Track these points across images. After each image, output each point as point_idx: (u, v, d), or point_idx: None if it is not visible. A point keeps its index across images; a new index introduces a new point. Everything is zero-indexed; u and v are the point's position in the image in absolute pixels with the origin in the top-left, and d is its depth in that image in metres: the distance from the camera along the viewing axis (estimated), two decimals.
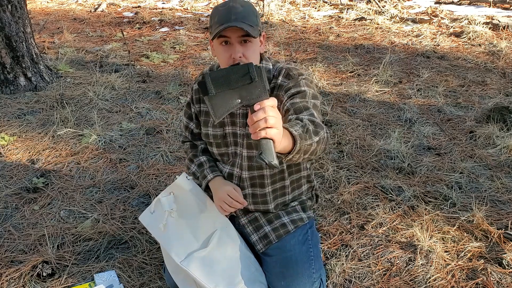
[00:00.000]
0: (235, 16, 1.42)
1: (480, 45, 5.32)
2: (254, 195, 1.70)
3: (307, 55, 5.10)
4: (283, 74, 1.59)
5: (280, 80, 1.59)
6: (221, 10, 1.46)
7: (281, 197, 1.74)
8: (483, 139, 3.09)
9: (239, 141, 1.66)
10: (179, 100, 3.81)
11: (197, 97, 1.74)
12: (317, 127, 1.35)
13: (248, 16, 1.44)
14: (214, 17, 1.48)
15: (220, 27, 1.42)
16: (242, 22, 1.42)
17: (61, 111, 3.46)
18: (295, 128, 1.25)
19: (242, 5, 1.45)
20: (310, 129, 1.31)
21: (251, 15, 1.45)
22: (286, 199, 1.75)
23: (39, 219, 2.30)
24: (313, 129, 1.33)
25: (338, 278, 1.90)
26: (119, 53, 5.11)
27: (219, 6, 1.48)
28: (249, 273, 1.61)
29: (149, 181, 2.63)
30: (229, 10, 1.43)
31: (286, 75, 1.59)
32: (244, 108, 1.60)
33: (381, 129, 3.29)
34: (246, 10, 1.45)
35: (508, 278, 1.89)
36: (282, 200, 1.74)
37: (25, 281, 1.88)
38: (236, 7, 1.44)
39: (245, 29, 1.40)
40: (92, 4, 8.19)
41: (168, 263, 1.69)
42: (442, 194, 2.47)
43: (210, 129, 1.71)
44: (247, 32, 1.41)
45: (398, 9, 7.31)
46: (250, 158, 1.66)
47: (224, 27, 1.41)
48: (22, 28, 3.96)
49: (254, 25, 1.45)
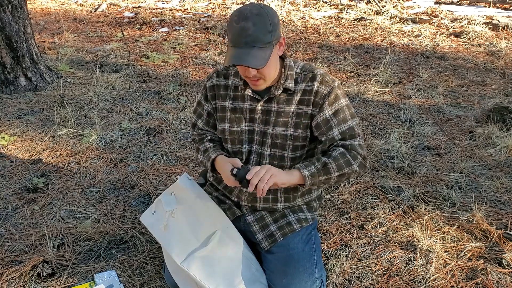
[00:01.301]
0: (246, 40, 1.41)
1: (480, 45, 5.33)
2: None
3: (307, 55, 5.10)
4: (318, 80, 1.59)
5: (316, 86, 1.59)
6: (234, 28, 1.44)
7: (292, 201, 1.75)
8: (483, 139, 3.09)
9: (255, 138, 1.66)
10: (179, 100, 3.82)
11: (212, 94, 1.72)
12: (347, 162, 1.55)
13: (260, 35, 1.42)
14: (229, 31, 1.47)
15: (230, 59, 1.44)
16: (253, 46, 1.42)
17: (61, 111, 3.46)
18: (308, 168, 1.52)
19: (254, 23, 1.41)
20: (330, 167, 1.53)
21: (264, 33, 1.42)
22: (296, 203, 1.76)
23: (39, 219, 2.30)
24: (340, 163, 1.54)
25: (338, 278, 1.90)
26: (119, 53, 5.12)
27: (234, 18, 1.44)
28: (249, 274, 1.62)
29: (149, 181, 2.63)
30: (240, 32, 1.42)
31: (321, 81, 1.59)
32: (264, 104, 1.62)
33: (381, 129, 3.30)
34: (259, 29, 1.42)
35: (507, 278, 1.90)
36: (292, 204, 1.75)
37: (25, 281, 1.88)
38: (248, 28, 1.41)
39: (253, 67, 1.42)
40: (92, 4, 8.19)
41: (168, 263, 1.69)
42: (442, 194, 2.47)
43: (226, 125, 1.70)
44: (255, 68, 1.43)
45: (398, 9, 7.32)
46: (263, 155, 1.66)
47: (232, 64, 1.43)
48: (23, 28, 3.96)
49: (266, 44, 1.44)
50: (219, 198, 1.81)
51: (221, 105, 1.71)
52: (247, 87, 1.63)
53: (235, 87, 1.67)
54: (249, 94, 1.63)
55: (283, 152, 1.65)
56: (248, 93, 1.63)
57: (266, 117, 1.63)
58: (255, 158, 1.68)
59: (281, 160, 1.66)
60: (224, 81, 1.70)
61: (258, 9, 1.44)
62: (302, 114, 1.61)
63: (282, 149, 1.64)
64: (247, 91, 1.63)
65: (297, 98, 1.61)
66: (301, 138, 1.63)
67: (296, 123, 1.61)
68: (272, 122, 1.63)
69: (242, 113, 1.66)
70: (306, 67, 1.64)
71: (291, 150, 1.64)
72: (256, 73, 1.50)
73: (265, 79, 1.53)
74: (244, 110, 1.66)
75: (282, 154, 1.65)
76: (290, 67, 1.61)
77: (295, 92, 1.61)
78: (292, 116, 1.61)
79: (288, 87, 1.59)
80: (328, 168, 1.54)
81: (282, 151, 1.65)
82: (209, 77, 1.74)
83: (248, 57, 1.41)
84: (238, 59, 1.42)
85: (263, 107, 1.63)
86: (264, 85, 1.57)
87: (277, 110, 1.62)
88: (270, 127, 1.63)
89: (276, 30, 1.46)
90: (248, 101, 1.65)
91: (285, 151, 1.64)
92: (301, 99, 1.60)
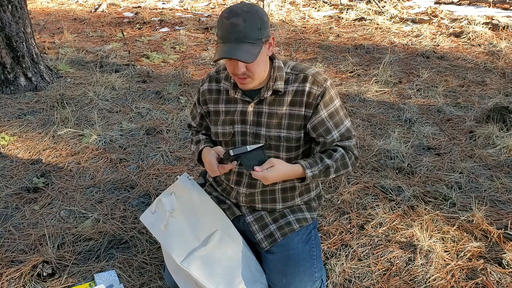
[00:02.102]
0: (236, 35, 1.42)
1: (480, 45, 5.33)
2: (263, 192, 1.71)
3: (307, 55, 5.10)
4: (310, 80, 1.59)
5: (308, 86, 1.59)
6: (224, 25, 1.45)
7: (291, 200, 1.75)
8: (483, 139, 3.09)
9: (248, 139, 1.66)
10: (179, 100, 3.82)
11: (203, 98, 1.74)
12: (344, 164, 1.60)
13: (250, 32, 1.43)
14: (219, 28, 1.48)
15: (220, 53, 1.44)
16: (243, 41, 1.42)
17: (61, 111, 3.46)
18: (312, 169, 1.55)
19: (244, 19, 1.42)
20: (331, 170, 1.58)
21: (253, 29, 1.44)
22: (295, 202, 1.76)
23: (39, 219, 2.30)
24: (338, 165, 1.59)
25: (338, 278, 1.90)
26: (119, 53, 5.12)
27: (224, 15, 1.46)
28: (249, 274, 1.62)
29: (149, 181, 2.63)
30: (230, 28, 1.43)
31: (313, 82, 1.59)
32: (255, 105, 1.63)
33: (381, 129, 3.30)
34: (248, 25, 1.43)
35: (507, 278, 1.90)
36: (291, 203, 1.75)
37: (25, 281, 1.88)
38: (238, 24, 1.42)
39: (241, 59, 1.42)
40: (92, 4, 8.19)
41: (168, 263, 1.69)
42: (442, 194, 2.47)
43: (219, 128, 1.71)
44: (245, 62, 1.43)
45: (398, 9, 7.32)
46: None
47: (222, 57, 1.43)
48: (23, 28, 3.96)
49: (256, 40, 1.44)
50: (219, 198, 1.81)
51: (214, 109, 1.73)
52: (236, 90, 1.64)
53: (227, 91, 1.69)
54: (238, 97, 1.64)
55: (277, 153, 1.64)
56: (238, 96, 1.64)
57: (257, 119, 1.64)
58: None
59: None
60: (216, 85, 1.72)
61: (248, 7, 1.46)
62: (295, 116, 1.61)
63: (276, 150, 1.64)
64: (237, 94, 1.64)
65: (288, 100, 1.60)
66: (294, 140, 1.63)
67: (289, 124, 1.61)
68: (264, 123, 1.63)
69: (234, 115, 1.67)
70: (297, 67, 1.64)
71: (285, 151, 1.64)
72: (245, 70, 1.49)
73: (253, 78, 1.53)
74: (236, 113, 1.66)
75: (277, 155, 1.64)
76: (280, 68, 1.61)
77: (286, 93, 1.60)
78: (285, 118, 1.61)
79: (278, 89, 1.59)
80: (329, 171, 1.58)
81: (277, 152, 1.64)
82: (202, 82, 1.76)
83: (238, 52, 1.42)
84: (228, 52, 1.43)
85: (254, 109, 1.63)
86: (251, 84, 1.56)
87: (269, 112, 1.62)
88: (263, 129, 1.63)
89: (266, 28, 1.48)
90: (240, 104, 1.66)
91: (279, 152, 1.64)
92: (292, 100, 1.60)
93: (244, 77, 1.52)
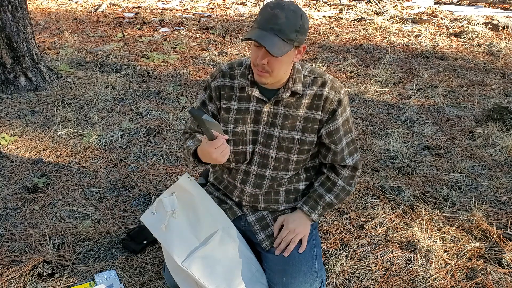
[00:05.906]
0: (273, 26, 1.41)
1: (480, 45, 5.33)
2: (268, 192, 1.71)
3: (307, 55, 5.11)
4: (328, 86, 1.60)
5: (326, 91, 1.60)
6: (266, 13, 1.44)
7: (293, 202, 1.75)
8: (483, 139, 3.10)
9: (259, 139, 1.66)
10: (179, 100, 3.82)
11: (217, 94, 1.70)
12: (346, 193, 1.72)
13: (287, 29, 1.42)
14: (260, 14, 1.47)
15: (251, 34, 1.43)
16: (276, 35, 1.41)
17: (61, 111, 3.47)
18: (315, 211, 1.70)
19: (287, 16, 1.42)
20: (334, 202, 1.71)
21: (291, 29, 1.43)
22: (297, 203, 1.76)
23: (39, 219, 2.30)
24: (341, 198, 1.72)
25: (338, 277, 1.91)
26: (119, 53, 5.12)
27: (270, 4, 1.45)
28: (250, 274, 1.62)
29: (149, 181, 2.63)
30: (271, 18, 1.42)
31: (331, 87, 1.60)
32: (271, 106, 1.62)
33: (381, 129, 3.30)
34: (289, 22, 1.42)
35: (507, 277, 1.90)
36: (293, 205, 1.76)
37: (25, 281, 1.89)
38: (279, 17, 1.41)
39: (269, 50, 1.40)
40: (92, 4, 8.19)
41: (168, 263, 1.69)
42: (442, 194, 2.48)
43: (230, 126, 1.68)
44: (270, 53, 1.41)
45: (397, 10, 7.32)
46: (268, 157, 1.67)
47: (252, 38, 1.42)
48: (23, 28, 3.96)
49: (288, 40, 1.43)
50: (220, 198, 1.81)
51: (225, 106, 1.69)
52: (254, 88, 1.62)
53: (241, 88, 1.66)
54: (255, 95, 1.61)
55: (288, 155, 1.65)
56: (255, 94, 1.61)
57: (272, 120, 1.63)
58: (258, 159, 1.68)
59: (286, 163, 1.66)
60: (229, 82, 1.68)
61: (296, 7, 1.46)
62: (311, 119, 1.61)
63: (288, 152, 1.64)
64: (254, 92, 1.61)
65: (306, 103, 1.61)
66: (308, 142, 1.63)
67: (304, 127, 1.62)
68: (278, 124, 1.62)
69: (247, 114, 1.65)
70: (314, 70, 1.64)
71: (297, 153, 1.65)
72: (266, 64, 1.48)
73: (271, 75, 1.51)
74: (249, 112, 1.65)
75: (288, 157, 1.65)
76: (298, 71, 1.61)
77: (303, 96, 1.60)
78: (300, 120, 1.61)
79: (296, 91, 1.59)
80: (333, 204, 1.72)
81: (288, 154, 1.65)
82: (213, 77, 1.71)
83: (269, 41, 1.41)
84: (258, 37, 1.41)
85: (269, 109, 1.62)
86: (267, 80, 1.53)
87: (285, 113, 1.62)
88: (277, 130, 1.63)
89: (303, 34, 1.47)
90: (254, 103, 1.64)
91: (291, 154, 1.65)
92: (310, 103, 1.60)
93: (263, 70, 1.50)
